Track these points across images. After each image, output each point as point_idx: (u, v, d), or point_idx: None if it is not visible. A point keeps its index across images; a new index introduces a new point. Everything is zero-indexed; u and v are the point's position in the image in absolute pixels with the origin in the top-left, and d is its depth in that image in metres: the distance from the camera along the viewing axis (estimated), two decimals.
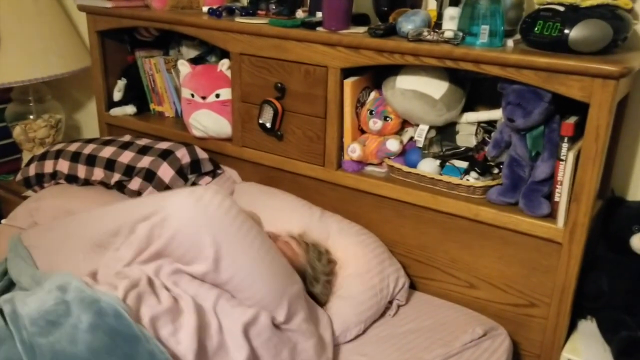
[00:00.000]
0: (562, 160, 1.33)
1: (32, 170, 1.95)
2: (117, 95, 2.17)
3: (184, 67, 1.88)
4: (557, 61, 1.24)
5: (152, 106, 2.17)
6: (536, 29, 1.32)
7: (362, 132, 1.66)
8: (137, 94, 2.15)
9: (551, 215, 1.37)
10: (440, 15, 1.49)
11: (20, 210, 1.86)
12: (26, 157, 2.45)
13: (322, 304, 1.43)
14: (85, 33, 2.34)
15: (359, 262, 1.48)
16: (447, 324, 1.45)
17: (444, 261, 1.55)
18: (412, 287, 1.59)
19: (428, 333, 1.42)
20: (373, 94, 1.65)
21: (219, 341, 1.15)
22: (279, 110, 1.67)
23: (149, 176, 1.74)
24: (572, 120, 1.33)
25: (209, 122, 1.83)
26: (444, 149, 1.56)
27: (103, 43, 2.11)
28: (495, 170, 1.50)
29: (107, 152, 1.84)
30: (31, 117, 2.42)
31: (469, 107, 1.57)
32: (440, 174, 1.52)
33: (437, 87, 1.50)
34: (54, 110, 2.48)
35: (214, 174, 1.85)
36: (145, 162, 1.77)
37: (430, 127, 1.56)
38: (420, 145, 1.56)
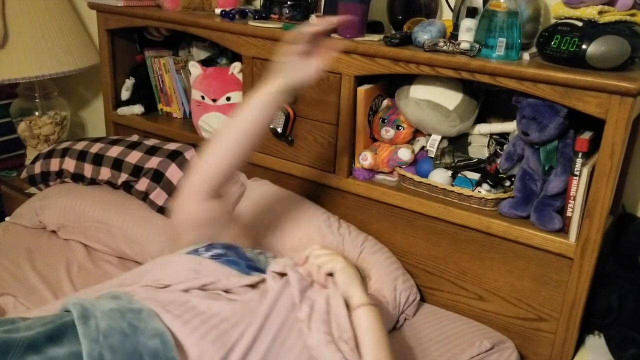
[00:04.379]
0: (575, 175, 1.33)
1: (37, 168, 1.94)
2: (125, 95, 2.16)
3: (195, 69, 1.87)
4: (575, 77, 1.24)
5: (160, 106, 2.16)
6: (553, 43, 1.32)
7: (374, 140, 1.66)
8: (145, 94, 2.14)
9: (563, 230, 1.37)
10: (456, 26, 1.49)
11: (25, 209, 1.85)
12: (30, 153, 2.44)
13: None
14: (93, 31, 2.34)
15: (372, 279, 1.48)
16: (454, 336, 1.44)
17: (453, 272, 1.55)
18: (421, 298, 1.59)
19: (434, 346, 1.41)
20: (386, 102, 1.64)
21: None
22: (290, 116, 1.67)
23: (157, 177, 1.73)
24: (586, 135, 1.33)
25: (219, 125, 1.82)
26: (455, 159, 1.55)
27: (112, 41, 2.10)
28: (507, 183, 1.50)
29: (114, 151, 1.83)
30: (36, 113, 2.40)
31: (481, 119, 1.57)
32: (452, 185, 1.51)
33: (451, 98, 1.50)
34: (60, 107, 2.47)
35: None
36: (154, 162, 1.76)
37: (443, 138, 1.56)
38: (432, 155, 1.56)
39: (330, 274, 1.14)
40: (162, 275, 1.12)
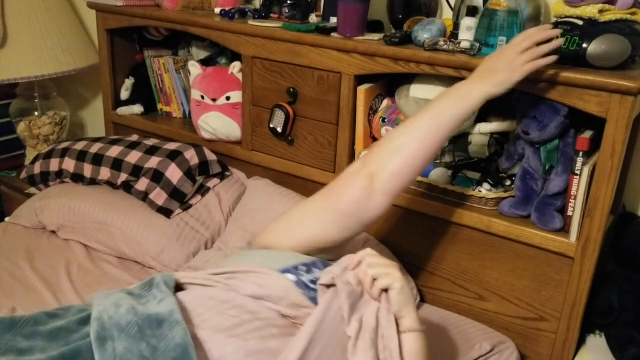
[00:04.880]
0: (576, 174, 1.32)
1: (37, 168, 1.93)
2: (124, 94, 2.16)
3: (194, 68, 1.87)
4: (575, 75, 1.23)
5: (159, 106, 2.15)
6: None
7: (374, 139, 1.65)
8: (145, 94, 2.14)
9: (563, 230, 1.37)
10: (456, 25, 1.49)
11: (25, 209, 1.85)
12: (29, 153, 2.43)
13: None
14: (92, 30, 2.34)
15: None
16: (453, 337, 1.43)
17: (453, 272, 1.54)
18: (421, 298, 1.58)
19: (434, 349, 1.38)
20: (385, 102, 1.64)
21: None
22: (290, 115, 1.67)
23: (157, 177, 1.73)
24: (587, 134, 1.32)
25: (218, 125, 1.82)
26: (456, 158, 1.55)
27: (112, 41, 2.10)
28: (508, 182, 1.50)
29: (114, 151, 1.82)
30: (36, 113, 2.40)
31: (481, 118, 1.56)
32: (452, 184, 1.51)
33: None
34: (59, 107, 2.47)
35: (222, 175, 1.84)
36: (153, 162, 1.75)
37: None
38: None
39: (385, 289, 1.01)
40: (246, 283, 1.03)
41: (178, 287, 1.05)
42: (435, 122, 1.18)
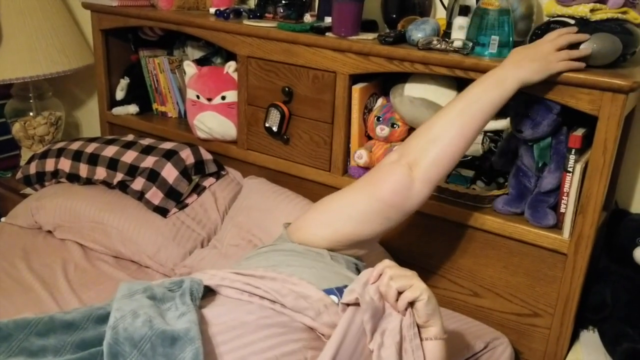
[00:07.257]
0: (568, 171, 1.34)
1: (33, 169, 1.94)
2: (119, 94, 2.16)
3: (190, 68, 1.88)
4: (568, 74, 1.25)
5: (154, 106, 2.16)
6: None
7: (369, 138, 1.66)
8: (140, 94, 2.15)
9: (557, 226, 1.38)
10: (449, 25, 1.50)
11: (21, 209, 1.85)
12: (25, 154, 2.43)
13: None
14: (87, 31, 2.34)
15: None
16: (448, 334, 1.44)
17: (448, 269, 1.56)
18: None
19: None
20: (380, 101, 1.65)
21: None
22: (285, 114, 1.68)
23: (153, 176, 1.73)
24: (579, 132, 1.34)
25: (214, 124, 1.83)
26: None
27: (107, 41, 2.10)
28: (501, 180, 1.51)
29: (109, 151, 1.83)
30: (31, 114, 2.40)
31: None
32: (446, 182, 1.52)
33: (445, 96, 1.50)
34: (54, 108, 2.47)
35: (217, 175, 1.85)
36: (149, 162, 1.76)
37: None
38: None
39: (411, 302, 0.97)
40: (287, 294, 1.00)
41: (210, 288, 1.03)
42: (471, 110, 1.18)
